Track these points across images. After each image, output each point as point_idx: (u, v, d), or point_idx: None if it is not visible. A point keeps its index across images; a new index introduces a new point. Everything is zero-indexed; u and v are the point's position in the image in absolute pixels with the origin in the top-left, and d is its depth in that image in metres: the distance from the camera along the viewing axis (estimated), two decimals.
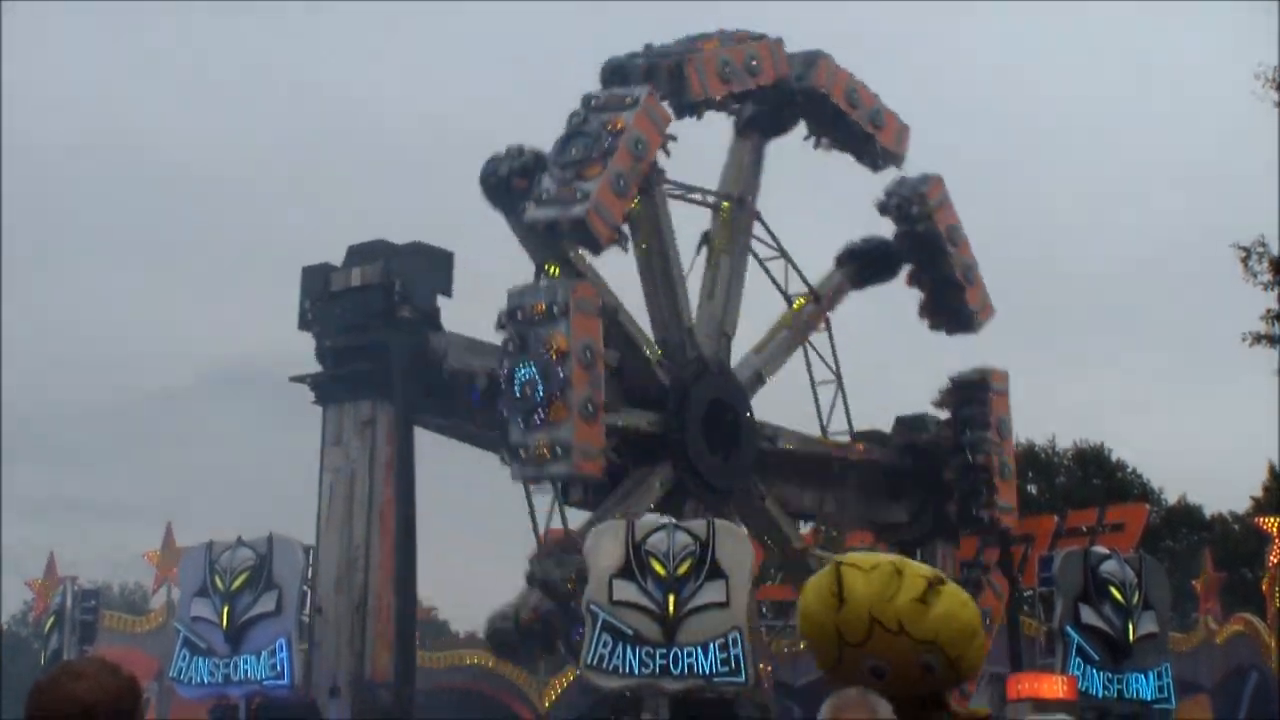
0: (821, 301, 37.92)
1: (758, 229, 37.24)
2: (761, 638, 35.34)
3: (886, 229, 38.92)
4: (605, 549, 26.78)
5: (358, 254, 32.54)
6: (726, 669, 25.86)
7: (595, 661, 26.09)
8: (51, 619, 34.78)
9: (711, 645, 25.91)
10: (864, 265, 38.93)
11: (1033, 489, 61.02)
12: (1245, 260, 27.74)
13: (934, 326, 39.07)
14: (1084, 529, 42.91)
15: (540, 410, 29.38)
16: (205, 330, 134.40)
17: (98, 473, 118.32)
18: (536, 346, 29.58)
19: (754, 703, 28.63)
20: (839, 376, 38.22)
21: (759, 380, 36.20)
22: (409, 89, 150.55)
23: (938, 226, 38.03)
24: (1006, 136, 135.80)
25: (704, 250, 36.26)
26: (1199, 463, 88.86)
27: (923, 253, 38.37)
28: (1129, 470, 62.06)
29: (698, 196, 36.00)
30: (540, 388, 29.39)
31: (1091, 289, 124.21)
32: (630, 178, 31.31)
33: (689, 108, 34.21)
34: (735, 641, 25.92)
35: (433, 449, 33.13)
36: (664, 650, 25.94)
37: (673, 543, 26.29)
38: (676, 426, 33.35)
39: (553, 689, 42.22)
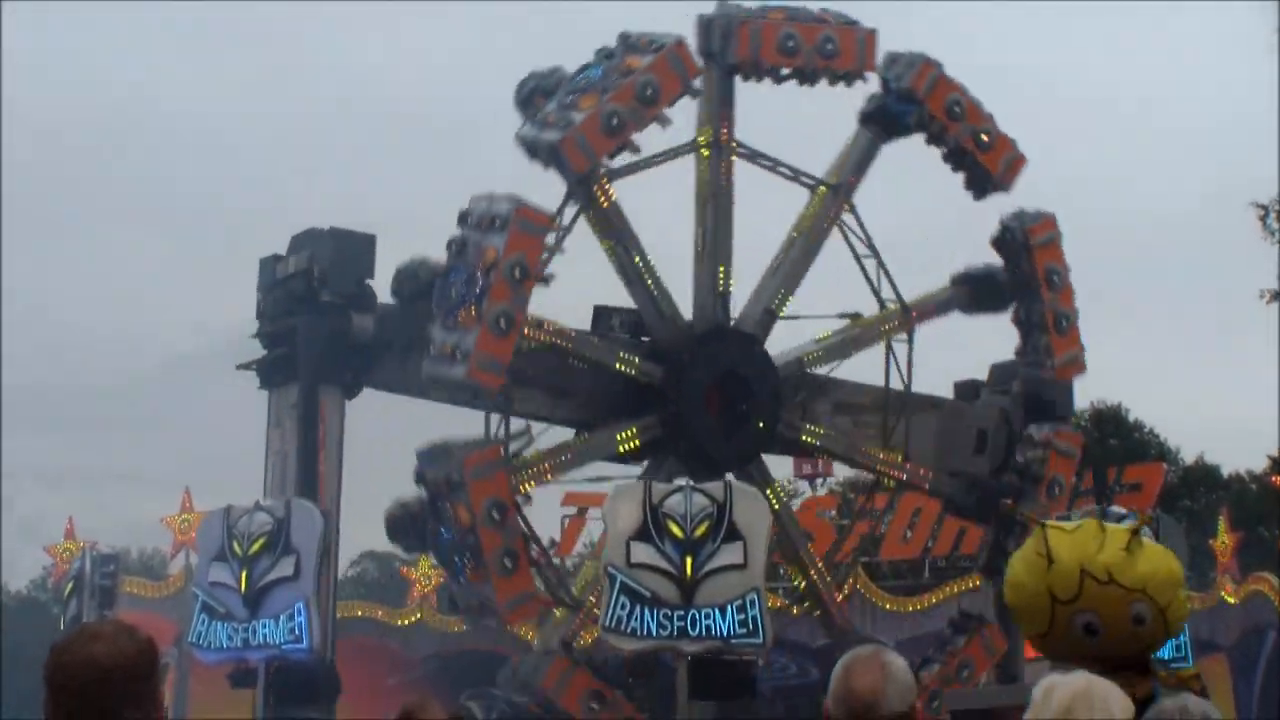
0: (910, 314, 35.74)
1: (850, 222, 35.61)
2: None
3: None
4: (623, 511, 26.78)
5: (296, 242, 33.27)
6: (745, 630, 25.90)
7: (614, 624, 26.11)
8: (70, 584, 34.89)
9: (730, 607, 25.94)
10: (977, 291, 37.06)
11: None
12: (1263, 218, 27.68)
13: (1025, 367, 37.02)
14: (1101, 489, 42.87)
15: (454, 313, 29.53)
16: (220, 299, 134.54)
17: (115, 441, 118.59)
18: (472, 253, 29.69)
19: None
20: (908, 387, 36.12)
21: (799, 366, 35.03)
22: (425, 56, 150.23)
23: (1036, 265, 36.12)
24: (1025, 90, 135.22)
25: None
26: (1216, 422, 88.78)
27: (1022, 290, 36.52)
28: (1146, 430, 61.98)
29: (786, 171, 35.03)
30: (463, 291, 29.54)
31: (1108, 248, 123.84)
32: (627, 118, 31.08)
33: (730, 68, 33.89)
34: (753, 603, 25.96)
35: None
36: (682, 612, 25.96)
37: (690, 505, 26.30)
38: (673, 382, 32.78)
39: None
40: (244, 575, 29.01)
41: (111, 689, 4.12)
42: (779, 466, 35.33)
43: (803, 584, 35.14)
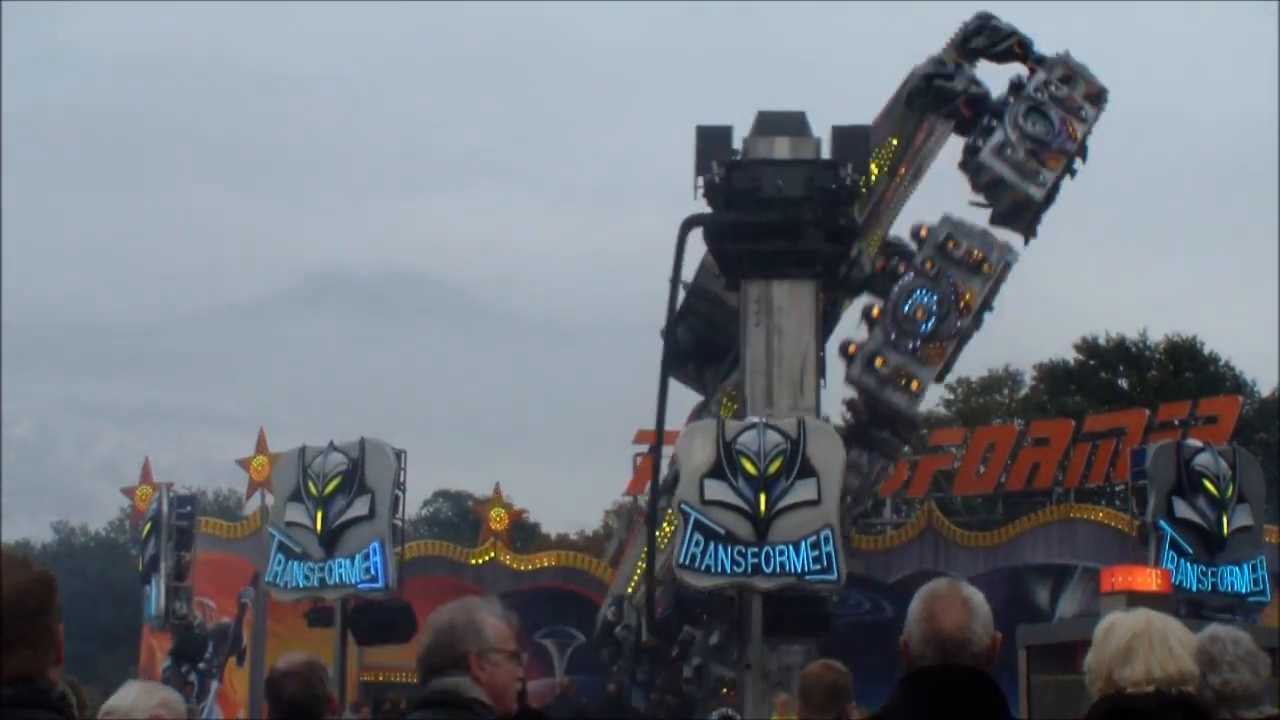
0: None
1: None
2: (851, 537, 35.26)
3: None
4: (696, 448, 26.76)
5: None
6: (819, 567, 25.85)
7: (687, 561, 26.15)
8: (148, 525, 35.18)
9: (803, 544, 25.88)
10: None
11: (1124, 383, 60.54)
12: None
13: None
14: (1176, 422, 42.52)
15: (918, 339, 29.46)
16: (293, 240, 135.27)
17: (191, 381, 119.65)
18: (946, 285, 29.57)
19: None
20: None
21: None
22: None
23: None
24: (1102, 21, 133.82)
25: None
26: None
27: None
28: (1221, 363, 61.34)
29: None
30: (930, 321, 29.42)
31: (1183, 178, 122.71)
32: (1055, 184, 31.49)
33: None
34: (827, 539, 25.90)
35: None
36: (756, 549, 25.95)
37: (763, 441, 26.24)
38: None
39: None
40: (319, 515, 29.23)
41: None
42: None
43: None
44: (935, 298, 30.08)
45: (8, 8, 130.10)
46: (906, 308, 30.14)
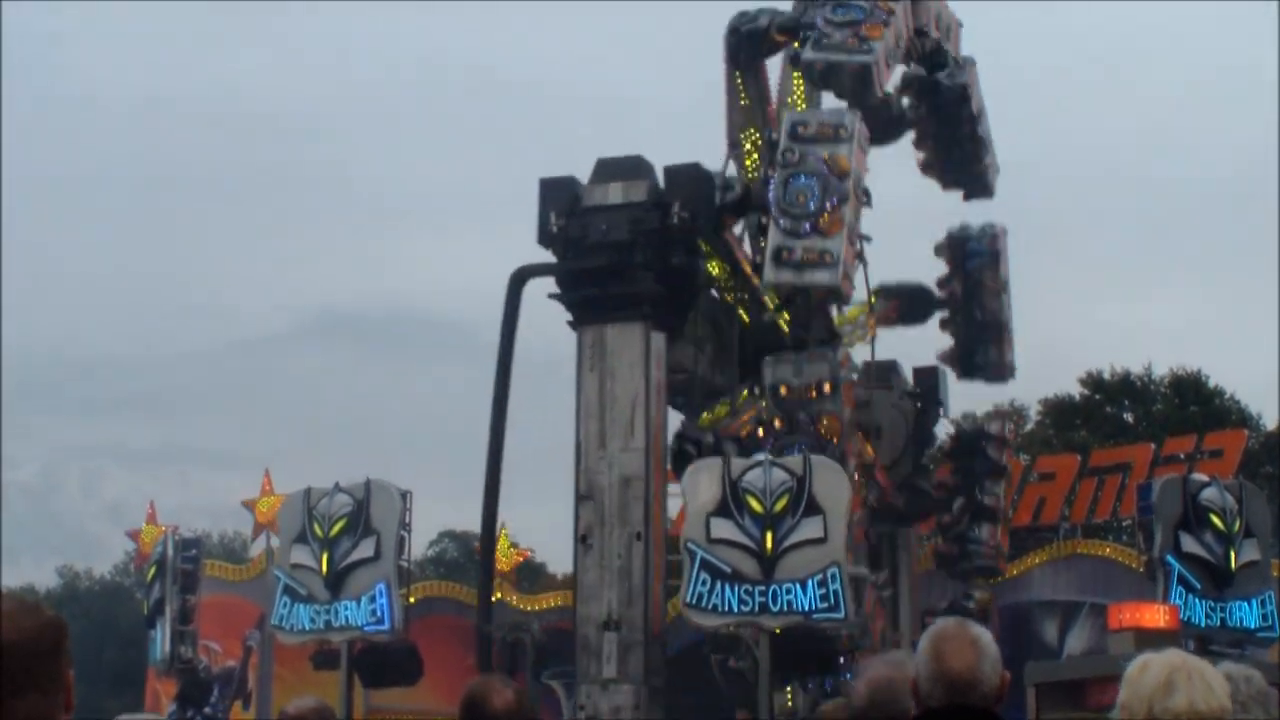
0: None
1: None
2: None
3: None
4: (702, 486, 26.73)
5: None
6: (826, 605, 25.79)
7: (695, 600, 26.09)
8: (153, 568, 35.14)
9: (810, 581, 25.83)
10: (905, 305, 37.45)
11: (1129, 417, 60.45)
12: None
13: (962, 376, 38.13)
14: (1182, 456, 42.39)
15: (811, 219, 29.24)
16: (299, 279, 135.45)
17: (197, 421, 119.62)
18: (816, 161, 29.45)
19: None
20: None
21: None
22: (482, 42, 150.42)
23: (971, 110, 36.32)
24: (1104, 42, 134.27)
25: None
26: None
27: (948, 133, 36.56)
28: (1226, 396, 61.26)
29: None
30: (814, 197, 29.22)
31: (1184, 210, 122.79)
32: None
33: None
34: (834, 577, 25.83)
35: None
36: (763, 587, 25.89)
37: (769, 479, 26.20)
38: None
39: None
40: (325, 557, 29.20)
41: (5, 669, 3.74)
42: None
43: None
44: (809, 178, 29.97)
45: (13, 52, 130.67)
46: (786, 197, 29.99)
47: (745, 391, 31.29)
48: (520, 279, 30.77)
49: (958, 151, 36.47)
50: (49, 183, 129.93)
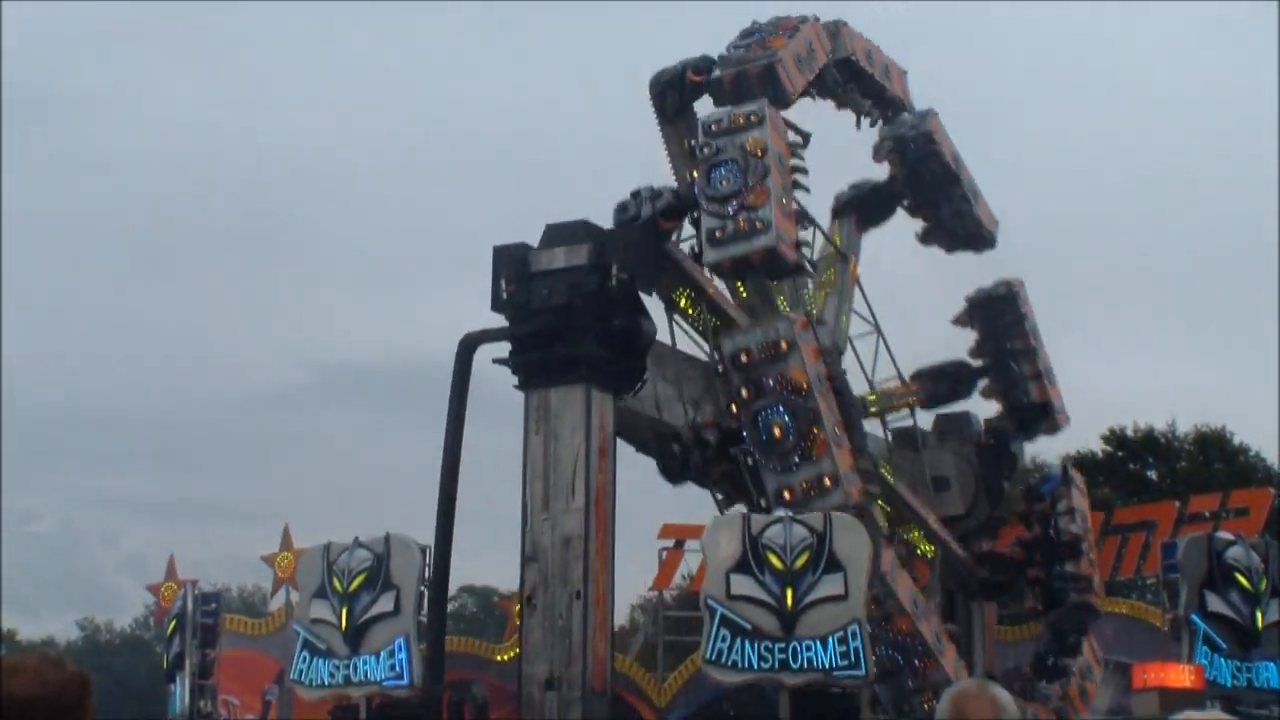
0: (849, 260, 36.60)
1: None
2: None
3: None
4: (722, 543, 26.64)
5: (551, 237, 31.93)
6: (846, 662, 25.66)
7: (714, 657, 25.97)
8: (173, 623, 35.09)
9: (831, 639, 25.71)
10: (863, 210, 37.62)
11: (1152, 474, 60.26)
12: None
13: (951, 250, 37.96)
14: (1207, 514, 42.25)
15: (737, 199, 29.53)
16: (317, 334, 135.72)
17: (217, 474, 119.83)
18: (733, 148, 29.95)
19: None
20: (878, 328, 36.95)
21: None
22: (494, 91, 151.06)
23: (946, 159, 36.45)
24: (1099, 106, 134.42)
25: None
26: None
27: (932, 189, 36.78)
28: (1252, 453, 61.10)
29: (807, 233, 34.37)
30: (737, 178, 29.66)
31: (1207, 268, 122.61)
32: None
33: (844, 64, 34.92)
34: (854, 634, 25.72)
35: None
36: (783, 644, 25.78)
37: (789, 535, 26.12)
38: None
39: (670, 685, 42.14)
40: (344, 611, 29.15)
41: None
42: None
43: None
44: (729, 165, 29.90)
45: (29, 105, 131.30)
46: (710, 186, 29.96)
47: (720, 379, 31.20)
48: (470, 345, 30.81)
49: (947, 208, 36.63)
50: (66, 237, 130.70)
